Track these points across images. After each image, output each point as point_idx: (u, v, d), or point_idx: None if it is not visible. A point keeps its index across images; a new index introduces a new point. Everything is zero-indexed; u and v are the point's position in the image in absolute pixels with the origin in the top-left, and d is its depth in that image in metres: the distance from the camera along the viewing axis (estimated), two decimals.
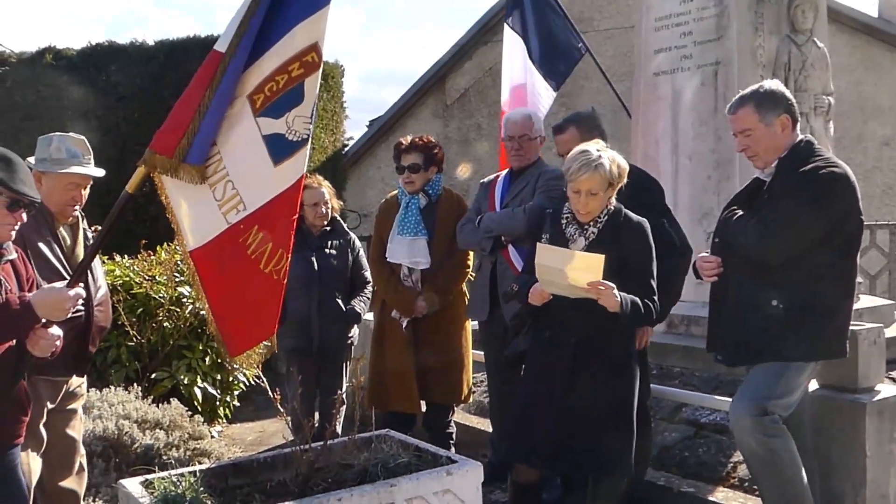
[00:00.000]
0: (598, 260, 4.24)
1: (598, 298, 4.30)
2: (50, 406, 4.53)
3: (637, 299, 4.42)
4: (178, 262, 8.09)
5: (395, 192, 6.38)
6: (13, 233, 3.76)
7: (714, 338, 4.68)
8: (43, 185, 4.43)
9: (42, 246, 4.39)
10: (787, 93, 4.50)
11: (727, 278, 4.49)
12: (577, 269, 4.28)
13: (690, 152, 7.39)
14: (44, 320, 3.68)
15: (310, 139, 4.06)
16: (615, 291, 4.28)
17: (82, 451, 4.89)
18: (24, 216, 3.77)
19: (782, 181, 4.35)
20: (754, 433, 4.27)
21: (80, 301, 3.94)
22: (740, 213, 4.47)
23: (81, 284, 3.92)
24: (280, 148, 3.99)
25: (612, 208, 4.55)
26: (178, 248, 8.11)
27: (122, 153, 9.82)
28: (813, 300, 4.27)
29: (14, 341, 3.70)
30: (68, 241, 4.59)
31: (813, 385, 4.79)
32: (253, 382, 8.04)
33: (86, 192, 4.58)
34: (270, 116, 3.97)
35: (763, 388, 4.33)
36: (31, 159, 4.47)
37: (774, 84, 4.53)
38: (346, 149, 16.14)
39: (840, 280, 4.36)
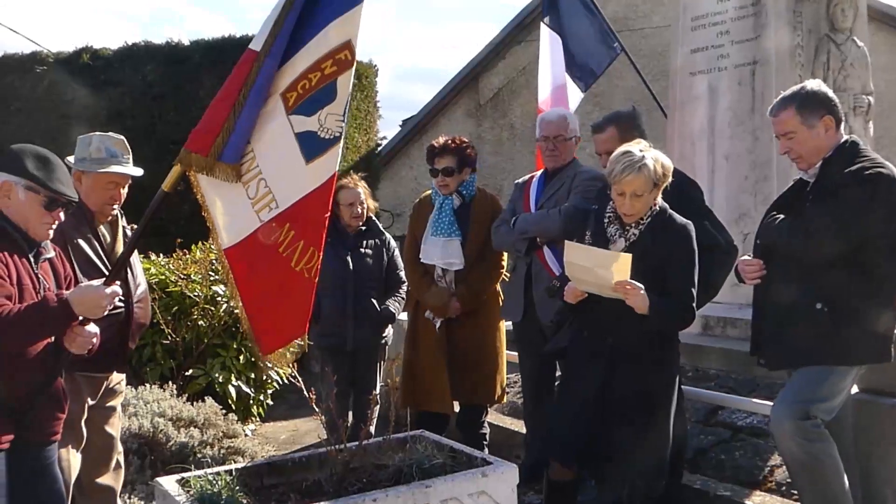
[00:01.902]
0: (626, 259, 4.21)
1: (626, 298, 4.27)
2: (90, 402, 4.58)
3: (670, 302, 4.39)
4: (213, 261, 8.12)
5: (429, 192, 6.36)
6: (51, 232, 3.80)
7: (757, 341, 4.62)
8: (83, 184, 4.49)
9: (82, 244, 4.43)
10: (830, 93, 4.41)
11: (770, 281, 4.42)
12: (604, 268, 4.26)
13: (727, 152, 7.34)
14: (81, 318, 3.70)
15: (342, 137, 4.05)
16: (643, 292, 4.25)
17: (120, 448, 4.94)
18: (62, 215, 3.80)
19: (828, 182, 4.28)
20: (796, 437, 4.20)
21: (120, 298, 3.97)
22: (782, 216, 4.40)
23: (119, 282, 3.93)
24: (312, 146, 3.98)
25: (657, 209, 4.51)
26: (212, 246, 8.18)
27: (158, 152, 9.84)
28: (858, 303, 4.19)
29: (52, 338, 3.73)
30: (108, 239, 4.64)
31: (853, 389, 4.72)
32: (286, 381, 8.05)
33: (124, 191, 4.63)
34: (303, 114, 3.97)
35: (806, 392, 4.26)
36: (71, 158, 4.52)
37: (817, 84, 4.44)
38: (379, 148, 16.16)
39: (886, 283, 4.27)
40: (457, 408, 6.32)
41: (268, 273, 4.07)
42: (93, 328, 3.80)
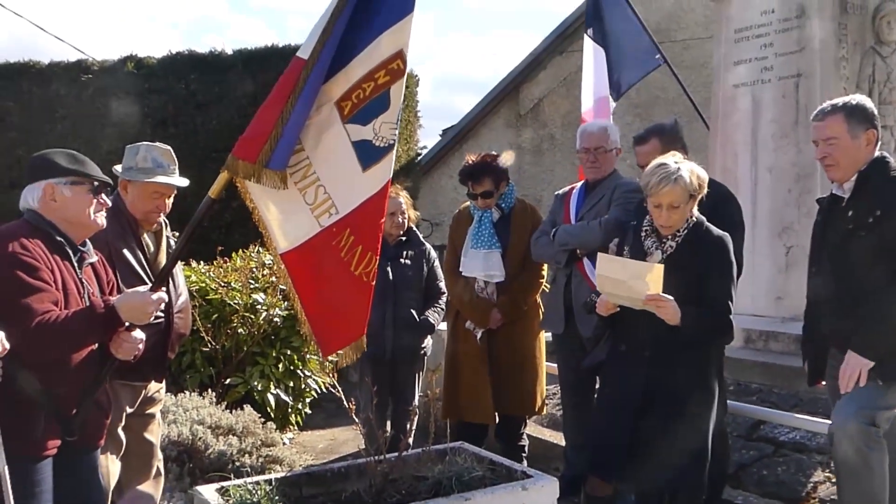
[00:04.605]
0: (658, 270, 4.20)
1: (657, 311, 4.25)
2: (129, 410, 4.60)
3: (706, 313, 4.36)
4: (253, 269, 8.16)
5: (468, 203, 6.36)
6: (103, 219, 3.87)
7: (815, 370, 4.57)
8: (128, 193, 4.54)
9: (126, 252, 4.47)
10: (875, 110, 4.41)
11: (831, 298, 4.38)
12: (636, 279, 4.25)
13: (770, 165, 7.29)
14: (127, 323, 3.73)
15: (396, 145, 4.10)
16: (673, 304, 4.23)
17: (160, 455, 4.96)
18: (108, 200, 3.87)
19: (871, 198, 4.25)
20: (855, 441, 4.14)
21: (161, 307, 4.00)
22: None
23: (163, 289, 3.96)
24: (368, 154, 4.05)
25: (694, 221, 4.48)
26: (253, 255, 8.23)
27: (201, 161, 9.93)
28: None
29: (97, 344, 3.76)
30: (152, 248, 4.68)
31: None
32: (324, 390, 8.07)
33: (170, 201, 4.66)
34: (358, 123, 4.04)
35: (874, 398, 4.20)
36: (118, 167, 4.57)
37: (865, 99, 4.43)
38: (419, 158, 16.18)
39: None
40: (496, 419, 6.30)
41: (329, 277, 4.14)
42: (139, 334, 3.84)
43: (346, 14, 3.93)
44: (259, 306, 7.82)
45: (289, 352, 8.00)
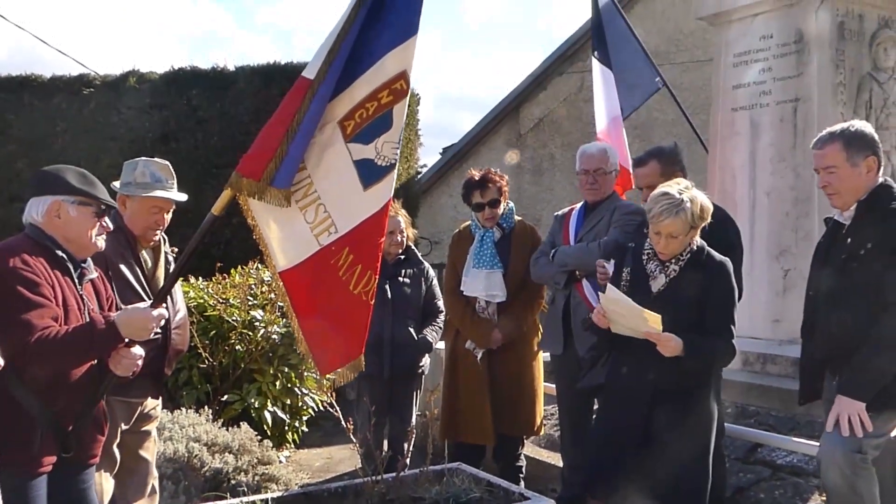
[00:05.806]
0: (657, 319, 4.24)
1: (658, 346, 4.29)
2: (124, 427, 4.59)
3: (708, 341, 4.38)
4: (252, 286, 8.16)
5: (468, 223, 6.37)
6: (103, 242, 3.88)
7: (808, 389, 4.57)
8: (127, 209, 4.55)
9: (124, 268, 4.48)
10: (876, 136, 4.40)
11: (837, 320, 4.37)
12: (637, 318, 4.28)
13: (768, 188, 7.30)
14: (126, 340, 3.73)
15: (397, 164, 4.11)
16: (675, 341, 4.26)
17: (155, 473, 4.94)
18: (110, 224, 3.89)
19: (868, 229, 4.25)
20: (843, 467, 4.13)
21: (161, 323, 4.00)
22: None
23: (164, 305, 3.97)
24: (369, 173, 4.05)
25: (695, 247, 4.50)
26: (251, 271, 8.22)
27: (201, 176, 9.96)
28: None
29: (96, 360, 3.76)
30: (149, 264, 4.68)
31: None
32: (322, 408, 8.05)
33: (168, 216, 4.66)
34: (361, 142, 4.03)
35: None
36: (116, 183, 4.58)
37: (864, 125, 4.43)
38: (419, 176, 16.19)
39: None
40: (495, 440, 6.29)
41: (327, 296, 4.12)
42: (138, 350, 3.83)
43: (353, 34, 3.95)
44: (257, 323, 7.82)
45: (286, 369, 7.99)
